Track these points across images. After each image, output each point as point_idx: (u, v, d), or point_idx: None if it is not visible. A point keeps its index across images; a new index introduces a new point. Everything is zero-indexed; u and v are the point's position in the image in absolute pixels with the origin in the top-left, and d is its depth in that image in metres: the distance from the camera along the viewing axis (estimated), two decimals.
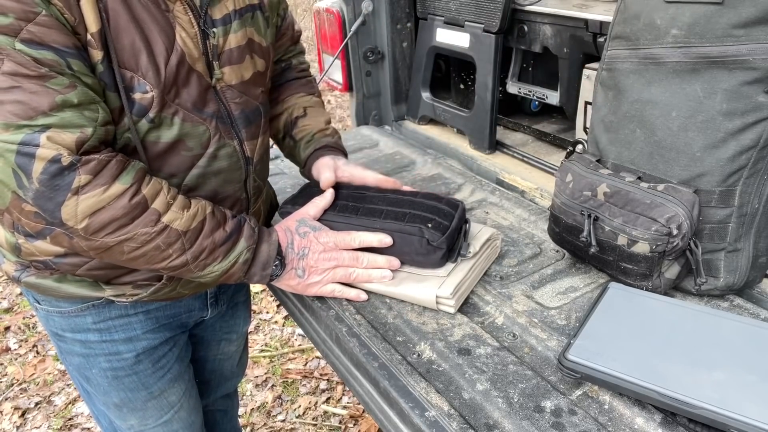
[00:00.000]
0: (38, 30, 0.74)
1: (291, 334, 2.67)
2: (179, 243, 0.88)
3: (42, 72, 0.75)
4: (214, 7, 0.93)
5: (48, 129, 0.76)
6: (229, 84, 0.97)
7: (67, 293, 0.99)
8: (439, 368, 0.90)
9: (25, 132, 0.75)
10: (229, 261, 0.94)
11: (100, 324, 1.06)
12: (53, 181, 0.77)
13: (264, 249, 0.98)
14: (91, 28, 0.79)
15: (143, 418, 1.18)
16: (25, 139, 0.75)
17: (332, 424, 2.20)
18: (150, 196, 0.85)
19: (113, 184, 0.81)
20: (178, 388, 1.21)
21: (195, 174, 0.96)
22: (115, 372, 1.10)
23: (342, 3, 1.76)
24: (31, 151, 0.76)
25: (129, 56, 0.83)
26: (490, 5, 1.55)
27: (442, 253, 1.03)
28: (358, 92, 1.91)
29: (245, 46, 0.99)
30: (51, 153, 0.76)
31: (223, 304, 1.27)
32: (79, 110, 0.79)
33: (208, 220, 0.92)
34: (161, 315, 1.12)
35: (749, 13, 0.85)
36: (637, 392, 0.79)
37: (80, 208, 0.80)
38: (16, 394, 2.39)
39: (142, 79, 0.85)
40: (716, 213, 0.96)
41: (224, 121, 0.97)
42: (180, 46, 0.88)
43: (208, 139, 0.95)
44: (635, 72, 1.00)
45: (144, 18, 0.84)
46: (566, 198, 1.06)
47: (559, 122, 1.81)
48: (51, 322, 1.07)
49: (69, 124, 0.78)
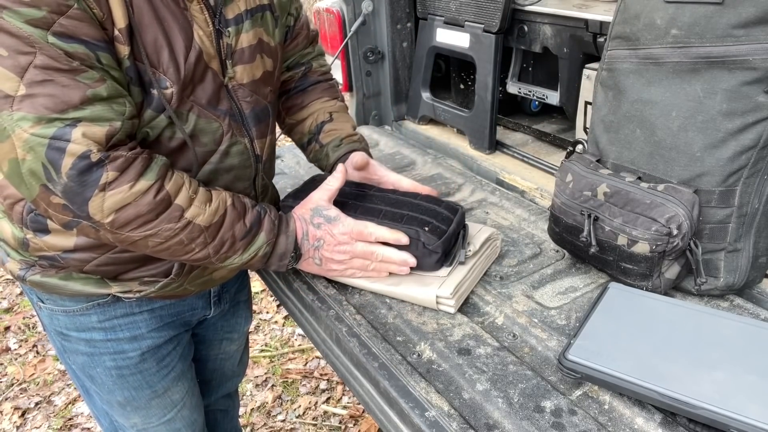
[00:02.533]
0: (70, 23, 0.75)
1: (291, 334, 2.67)
2: (202, 237, 0.90)
3: (74, 66, 0.76)
4: (227, 7, 0.94)
5: (79, 122, 0.77)
6: (240, 83, 0.98)
7: (73, 291, 0.99)
8: (439, 368, 0.90)
9: (57, 126, 0.76)
10: (249, 253, 0.96)
11: (105, 323, 1.06)
12: (82, 177, 0.78)
13: (282, 241, 1.00)
14: (119, 24, 0.80)
15: (147, 416, 1.18)
16: (57, 134, 0.76)
17: (332, 424, 2.20)
18: (173, 191, 0.86)
19: (139, 181, 0.82)
20: (182, 387, 1.21)
21: (207, 170, 0.97)
22: (119, 371, 1.11)
23: (342, 3, 1.76)
24: (62, 146, 0.76)
25: (152, 52, 0.85)
26: (490, 5, 1.55)
27: (438, 257, 1.03)
28: (358, 92, 1.91)
29: (256, 45, 1.00)
30: (81, 149, 0.77)
31: (225, 302, 1.28)
32: (108, 104, 0.80)
33: (229, 213, 0.93)
34: (165, 313, 1.12)
35: (749, 13, 0.85)
36: (637, 392, 0.79)
37: (107, 204, 0.81)
38: (16, 394, 2.39)
39: (163, 75, 0.86)
40: (716, 213, 0.96)
41: (236, 119, 0.99)
42: (198, 44, 0.89)
43: (221, 136, 0.97)
44: (635, 72, 1.00)
45: (165, 15, 0.85)
46: (566, 198, 1.06)
47: (559, 122, 1.81)
48: (55, 321, 1.07)
49: (99, 117, 0.79)
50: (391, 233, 1.02)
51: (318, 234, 1.03)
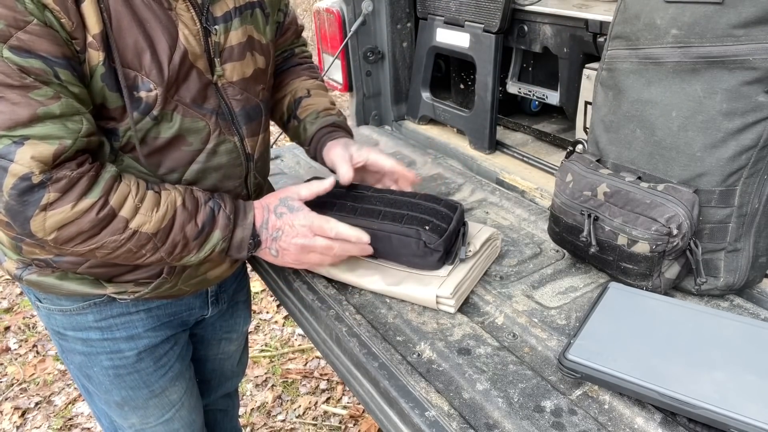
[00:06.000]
0: (28, 38, 0.74)
1: (291, 334, 2.67)
2: (151, 243, 0.89)
3: (26, 82, 0.75)
4: (215, 5, 0.94)
5: (27, 140, 0.76)
6: (230, 81, 0.97)
7: (69, 291, 0.99)
8: (439, 368, 0.90)
9: (3, 143, 0.75)
10: (205, 252, 0.94)
11: (101, 322, 1.06)
12: (22, 197, 0.78)
13: (238, 234, 0.97)
14: (93, 30, 0.79)
15: (144, 416, 1.18)
16: (2, 152, 0.75)
17: (332, 424, 2.20)
18: (117, 204, 0.85)
19: (81, 200, 0.81)
20: (179, 387, 1.21)
21: (195, 169, 0.97)
22: (116, 370, 1.11)
23: (342, 3, 1.76)
24: (5, 165, 0.76)
25: (132, 55, 0.84)
26: (490, 5, 1.55)
27: (439, 256, 1.03)
28: (358, 92, 1.91)
29: (246, 43, 0.99)
30: (23, 170, 0.76)
31: (223, 302, 1.28)
32: (61, 121, 0.78)
33: (179, 215, 0.90)
34: (162, 313, 1.12)
35: (749, 13, 0.85)
36: (637, 392, 0.79)
37: (48, 223, 0.80)
38: (16, 394, 2.39)
39: (146, 77, 0.85)
40: (716, 213, 0.96)
41: (225, 118, 0.98)
42: (183, 44, 0.89)
43: (208, 135, 0.96)
44: (635, 72, 1.00)
45: (147, 17, 0.85)
46: (566, 198, 1.06)
47: (559, 122, 1.81)
48: (52, 320, 1.07)
49: (48, 135, 0.77)
50: (352, 230, 1.00)
51: (278, 224, 0.99)
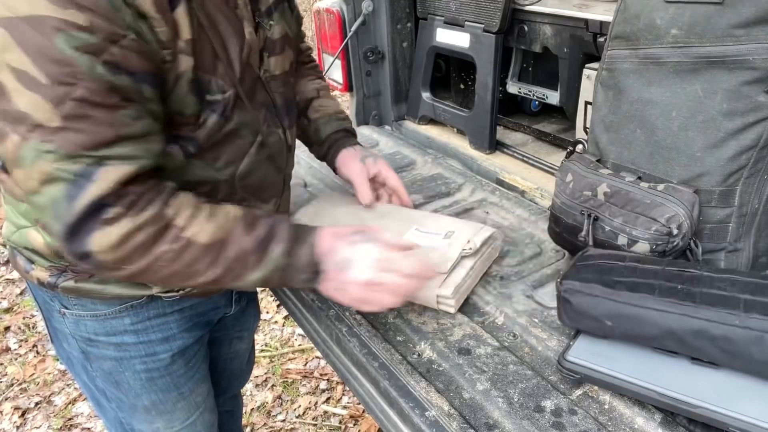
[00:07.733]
0: (120, 53, 0.72)
1: (291, 334, 2.67)
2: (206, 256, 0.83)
3: (113, 102, 0.73)
4: (260, 1, 0.95)
5: (107, 160, 0.74)
6: (273, 75, 0.98)
7: (113, 294, 0.97)
8: (439, 368, 0.90)
9: (85, 162, 0.73)
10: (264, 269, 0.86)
11: (137, 325, 1.03)
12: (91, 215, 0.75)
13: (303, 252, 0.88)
14: (185, 36, 0.78)
15: (170, 420, 1.17)
16: (82, 171, 0.73)
17: (332, 424, 2.20)
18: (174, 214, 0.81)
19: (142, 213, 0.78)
20: (204, 388, 1.20)
21: (248, 161, 0.96)
22: (149, 374, 1.08)
23: (342, 3, 1.76)
24: (83, 184, 0.73)
25: (210, 58, 0.83)
26: (490, 5, 1.55)
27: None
28: (358, 92, 1.91)
29: (284, 37, 1.01)
30: (100, 192, 0.74)
31: (243, 300, 1.28)
32: (140, 143, 0.77)
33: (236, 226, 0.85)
34: (194, 313, 1.11)
35: (749, 13, 0.85)
36: (637, 392, 0.79)
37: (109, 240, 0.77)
38: (16, 394, 2.39)
39: (221, 80, 0.85)
40: (716, 213, 0.96)
41: (270, 110, 0.99)
42: (248, 42, 0.89)
43: (259, 128, 0.96)
44: (635, 72, 1.00)
45: (219, 19, 0.84)
46: (566, 198, 1.06)
47: (559, 122, 1.81)
48: (81, 327, 1.03)
49: (129, 156, 0.75)
50: None
51: (348, 254, 0.88)
